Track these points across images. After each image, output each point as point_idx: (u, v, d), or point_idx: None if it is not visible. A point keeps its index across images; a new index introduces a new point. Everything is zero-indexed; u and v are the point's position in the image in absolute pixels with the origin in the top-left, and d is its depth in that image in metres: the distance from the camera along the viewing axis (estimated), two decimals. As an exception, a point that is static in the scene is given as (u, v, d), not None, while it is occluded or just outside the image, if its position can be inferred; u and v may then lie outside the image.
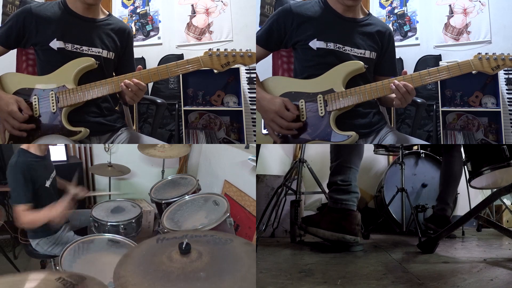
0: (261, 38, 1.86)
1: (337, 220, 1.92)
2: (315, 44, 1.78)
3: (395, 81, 1.69)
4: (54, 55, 1.78)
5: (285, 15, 1.82)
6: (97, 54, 1.81)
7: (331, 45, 1.77)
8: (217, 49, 1.70)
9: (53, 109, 1.75)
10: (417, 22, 3.14)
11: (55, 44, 1.77)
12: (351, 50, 1.78)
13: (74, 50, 1.79)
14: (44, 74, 1.81)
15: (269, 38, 1.85)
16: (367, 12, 1.87)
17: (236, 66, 2.78)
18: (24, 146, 1.98)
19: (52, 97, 1.75)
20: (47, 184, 2.07)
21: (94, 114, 1.82)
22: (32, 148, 1.99)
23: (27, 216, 1.91)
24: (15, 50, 2.02)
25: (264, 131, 1.84)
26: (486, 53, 1.67)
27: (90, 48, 1.80)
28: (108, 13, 1.93)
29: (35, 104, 1.76)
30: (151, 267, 1.22)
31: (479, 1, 2.94)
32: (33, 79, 1.80)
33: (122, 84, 1.70)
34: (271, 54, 2.00)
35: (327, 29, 1.79)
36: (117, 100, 1.96)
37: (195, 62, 1.71)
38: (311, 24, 1.79)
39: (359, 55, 1.79)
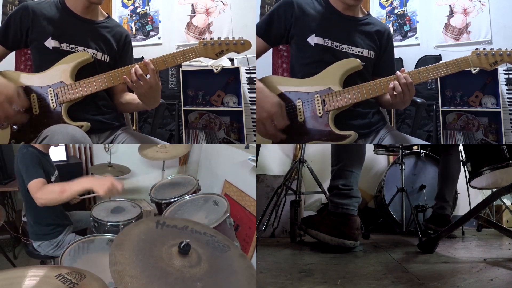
0: (260, 28, 1.85)
1: (337, 224, 1.91)
2: (313, 40, 1.77)
3: (398, 72, 1.67)
4: (49, 54, 1.77)
5: (285, 7, 1.81)
6: (92, 55, 1.80)
7: (328, 42, 1.77)
8: (211, 38, 1.70)
9: (53, 105, 1.74)
10: (417, 22, 3.14)
11: (50, 43, 1.77)
12: (349, 48, 1.78)
13: (69, 50, 1.78)
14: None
15: (269, 29, 1.84)
16: (367, 12, 1.87)
17: (236, 66, 2.80)
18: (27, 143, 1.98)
19: (51, 93, 1.75)
20: (52, 179, 2.08)
21: (92, 112, 1.81)
22: (36, 145, 1.99)
23: (46, 188, 1.82)
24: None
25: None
26: (484, 48, 1.65)
27: (85, 48, 1.80)
28: (107, 15, 1.92)
29: (34, 102, 1.75)
30: (150, 261, 1.21)
31: (479, 1, 2.94)
32: (29, 77, 1.79)
33: (125, 77, 1.67)
34: (271, 55, 2.00)
35: (326, 26, 1.78)
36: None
37: (191, 52, 1.71)
38: (310, 19, 1.79)
39: (357, 53, 1.78)
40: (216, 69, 2.72)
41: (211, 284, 1.22)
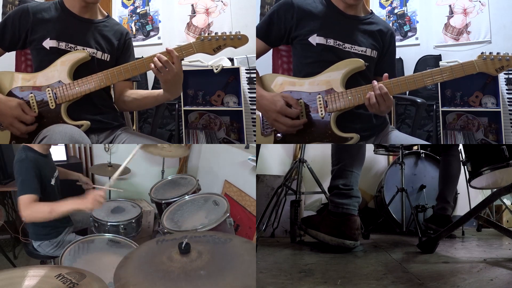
0: (261, 30, 1.83)
1: (337, 224, 1.91)
2: (314, 39, 1.75)
3: (374, 81, 1.65)
4: (47, 54, 1.77)
5: (286, 8, 1.80)
6: (92, 54, 1.80)
7: (331, 42, 1.75)
8: (208, 33, 1.71)
9: (52, 105, 1.74)
10: (417, 22, 3.14)
11: (48, 43, 1.77)
12: (352, 47, 1.76)
13: (68, 49, 1.78)
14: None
15: (269, 30, 1.82)
16: (370, 11, 1.85)
17: (236, 66, 2.80)
18: (27, 143, 1.97)
19: (50, 93, 1.74)
20: (52, 182, 2.08)
21: (91, 112, 1.81)
22: (36, 146, 1.98)
23: (35, 207, 1.84)
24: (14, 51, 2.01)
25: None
26: (490, 53, 1.60)
27: (85, 48, 1.79)
28: (106, 14, 1.92)
29: (33, 102, 1.75)
30: (152, 268, 1.23)
31: (479, 1, 2.95)
32: (27, 77, 1.79)
33: (151, 64, 1.67)
34: (271, 55, 2.00)
35: (328, 25, 1.76)
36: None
37: (188, 48, 1.70)
38: (312, 19, 1.77)
39: (360, 52, 1.77)
40: (216, 69, 2.72)
41: (215, 270, 1.22)
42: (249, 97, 2.71)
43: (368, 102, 1.64)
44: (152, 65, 1.67)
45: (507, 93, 2.61)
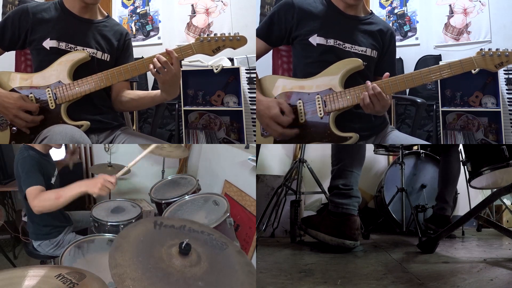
0: (261, 30, 1.84)
1: (337, 224, 1.91)
2: (315, 39, 1.76)
3: (368, 81, 1.65)
4: (47, 54, 1.77)
5: (286, 8, 1.80)
6: (91, 54, 1.80)
7: (331, 42, 1.75)
8: (207, 35, 1.71)
9: (52, 105, 1.74)
10: (417, 22, 3.14)
11: (48, 43, 1.77)
12: (352, 47, 1.76)
13: (68, 49, 1.78)
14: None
15: (270, 31, 1.83)
16: (370, 11, 1.85)
17: (236, 66, 2.80)
18: (27, 143, 1.97)
19: (49, 93, 1.74)
20: (52, 181, 2.08)
21: (91, 112, 1.81)
22: (37, 146, 1.99)
23: (42, 196, 1.80)
24: (13, 51, 2.01)
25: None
26: (489, 49, 1.58)
27: (85, 48, 1.80)
28: (106, 14, 1.92)
29: (32, 102, 1.75)
30: (150, 262, 1.21)
31: (479, 1, 2.95)
32: (27, 77, 1.79)
33: (151, 65, 1.67)
34: (271, 55, 2.00)
35: (328, 25, 1.77)
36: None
37: (187, 49, 1.71)
38: (312, 19, 1.78)
39: (360, 52, 1.77)
40: (216, 69, 2.72)
41: (212, 283, 1.22)
42: (249, 97, 2.71)
43: (363, 102, 1.64)
44: (151, 66, 1.67)
45: (507, 93, 2.61)
